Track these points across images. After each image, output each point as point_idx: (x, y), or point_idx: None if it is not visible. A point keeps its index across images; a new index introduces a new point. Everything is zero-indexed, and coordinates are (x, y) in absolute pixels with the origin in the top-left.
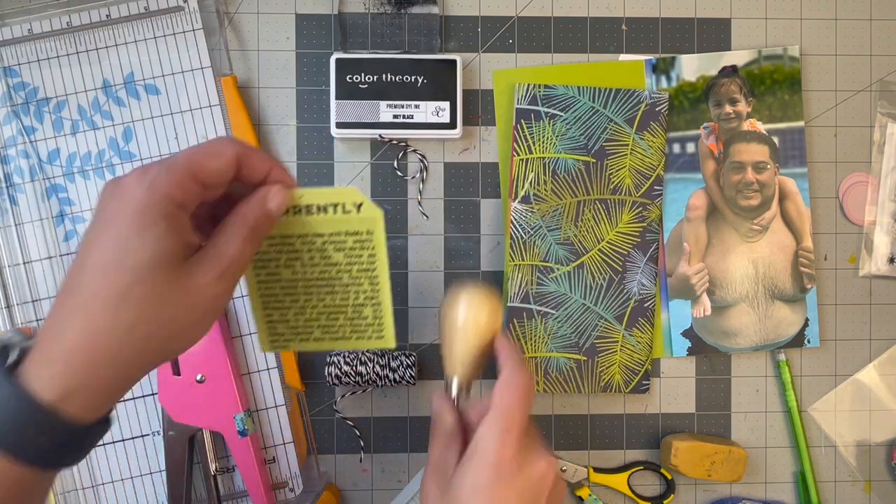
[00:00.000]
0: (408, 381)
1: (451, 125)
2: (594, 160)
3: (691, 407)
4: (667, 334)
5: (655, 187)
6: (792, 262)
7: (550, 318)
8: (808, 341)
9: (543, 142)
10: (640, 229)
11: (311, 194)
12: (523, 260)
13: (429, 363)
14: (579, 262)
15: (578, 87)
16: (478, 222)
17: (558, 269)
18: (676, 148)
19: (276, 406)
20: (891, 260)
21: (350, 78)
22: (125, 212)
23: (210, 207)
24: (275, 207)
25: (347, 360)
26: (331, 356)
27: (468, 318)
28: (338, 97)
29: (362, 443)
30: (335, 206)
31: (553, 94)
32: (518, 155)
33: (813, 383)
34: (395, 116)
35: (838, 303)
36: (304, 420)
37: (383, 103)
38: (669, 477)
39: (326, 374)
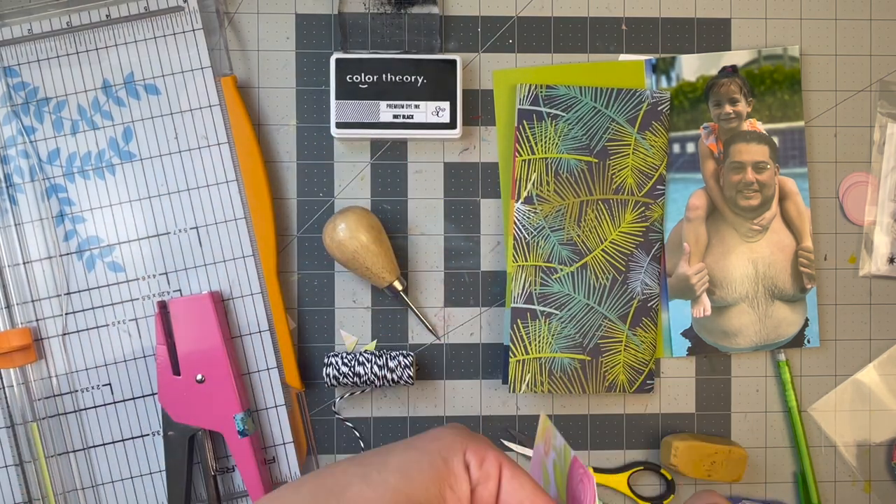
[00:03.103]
0: (406, 382)
1: (451, 125)
2: (596, 160)
3: (691, 407)
4: (667, 334)
5: (658, 187)
6: (792, 262)
7: (554, 319)
8: (808, 341)
9: (546, 142)
10: (643, 229)
11: None
12: (527, 261)
13: (427, 363)
14: (582, 262)
15: (580, 88)
16: (478, 222)
17: (562, 269)
18: (676, 148)
19: (276, 406)
20: (891, 260)
21: (350, 78)
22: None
23: None
24: None
25: (345, 360)
26: (328, 357)
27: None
28: (338, 97)
29: (362, 443)
30: None
31: (555, 95)
32: (520, 155)
33: (813, 383)
34: (395, 116)
35: (838, 303)
36: (304, 420)
37: (383, 103)
38: (669, 477)
39: (324, 375)
